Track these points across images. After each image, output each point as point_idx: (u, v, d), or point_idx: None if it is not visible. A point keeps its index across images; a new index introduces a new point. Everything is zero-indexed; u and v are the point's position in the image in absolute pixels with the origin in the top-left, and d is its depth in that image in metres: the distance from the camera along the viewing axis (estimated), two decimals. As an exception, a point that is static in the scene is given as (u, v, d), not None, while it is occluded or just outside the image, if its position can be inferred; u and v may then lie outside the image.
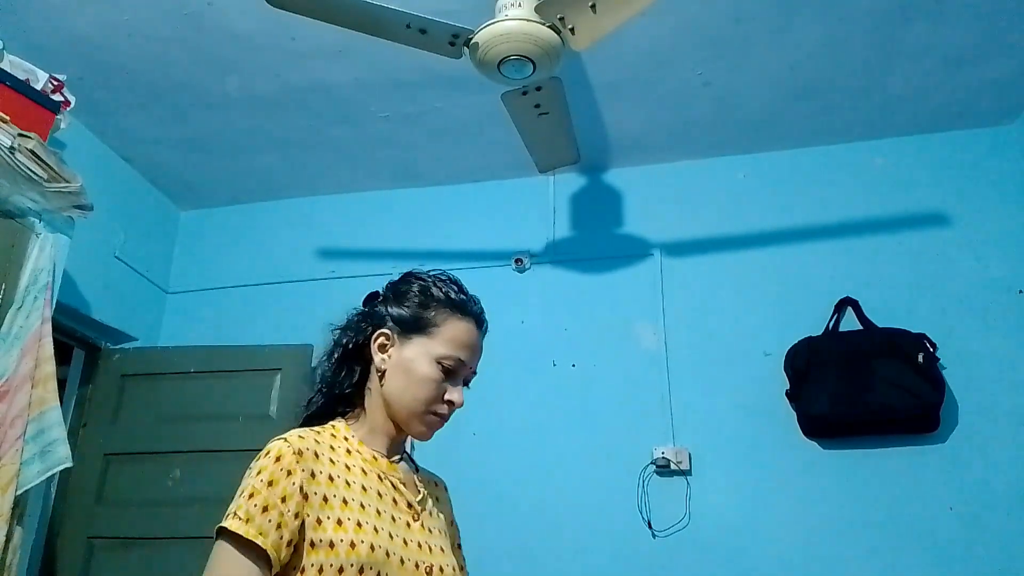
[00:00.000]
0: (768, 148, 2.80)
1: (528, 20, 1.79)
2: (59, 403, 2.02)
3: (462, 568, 1.24)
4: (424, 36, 1.84)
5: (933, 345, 2.33)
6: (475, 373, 1.21)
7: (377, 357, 1.17)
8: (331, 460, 1.08)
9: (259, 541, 0.97)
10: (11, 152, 1.93)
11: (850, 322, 2.49)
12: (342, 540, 1.01)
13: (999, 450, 2.28)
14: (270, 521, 0.98)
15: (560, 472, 2.55)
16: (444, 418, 1.18)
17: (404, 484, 1.17)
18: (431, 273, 1.24)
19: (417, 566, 1.08)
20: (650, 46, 2.30)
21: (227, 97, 2.55)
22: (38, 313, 2.01)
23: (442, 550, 1.16)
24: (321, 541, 1.01)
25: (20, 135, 1.97)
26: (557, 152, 2.42)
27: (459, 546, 1.30)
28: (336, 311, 3.37)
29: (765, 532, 2.35)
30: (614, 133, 2.73)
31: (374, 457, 1.15)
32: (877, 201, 2.66)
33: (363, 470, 1.12)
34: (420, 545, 1.11)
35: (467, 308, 1.19)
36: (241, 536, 0.97)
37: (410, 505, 1.15)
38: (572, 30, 1.81)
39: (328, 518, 1.02)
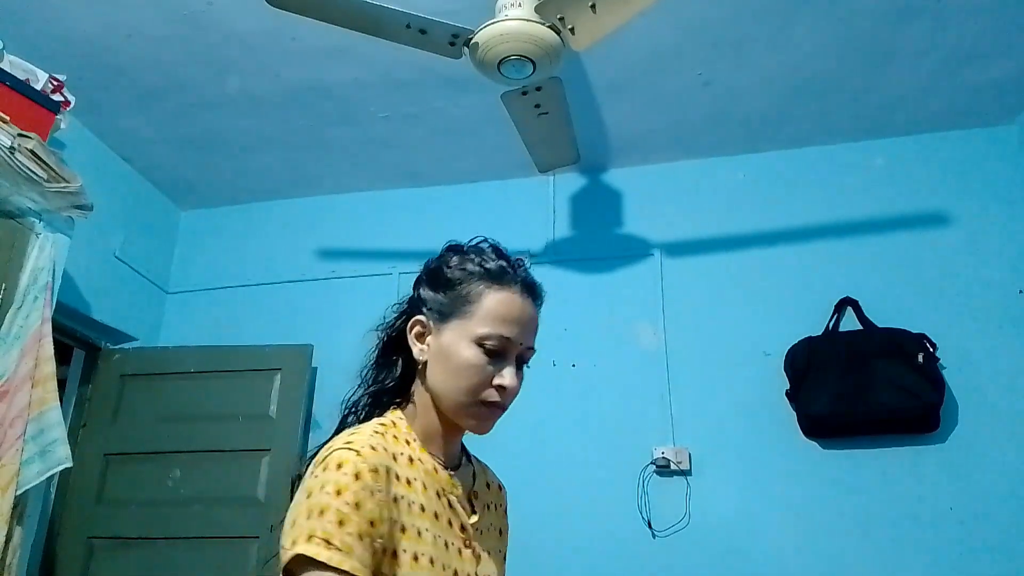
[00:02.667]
0: (768, 148, 2.80)
1: (528, 20, 1.79)
2: (59, 403, 2.02)
3: None
4: (424, 36, 1.84)
5: (933, 345, 2.33)
6: (533, 350, 1.06)
7: (415, 348, 1.05)
8: (405, 479, 0.95)
9: (362, 575, 0.84)
10: (11, 152, 1.93)
11: (850, 322, 2.49)
12: None
13: (999, 450, 2.28)
14: (366, 550, 0.85)
15: (560, 472, 2.55)
16: (499, 406, 1.03)
17: (460, 502, 1.04)
18: (469, 243, 1.11)
19: None
20: (650, 46, 2.30)
21: (227, 97, 2.55)
22: (38, 313, 2.01)
23: None
24: None
25: (20, 135, 1.97)
26: (557, 152, 2.42)
27: (503, 557, 1.20)
28: (336, 311, 3.40)
29: (765, 532, 2.35)
30: (614, 133, 2.73)
31: (435, 468, 1.02)
32: (877, 201, 2.66)
33: (424, 485, 0.98)
34: None
35: (506, 276, 1.04)
36: (347, 573, 0.83)
37: (463, 527, 1.02)
38: (572, 30, 1.81)
39: (404, 552, 0.90)
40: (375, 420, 1.03)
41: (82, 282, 2.60)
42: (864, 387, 2.31)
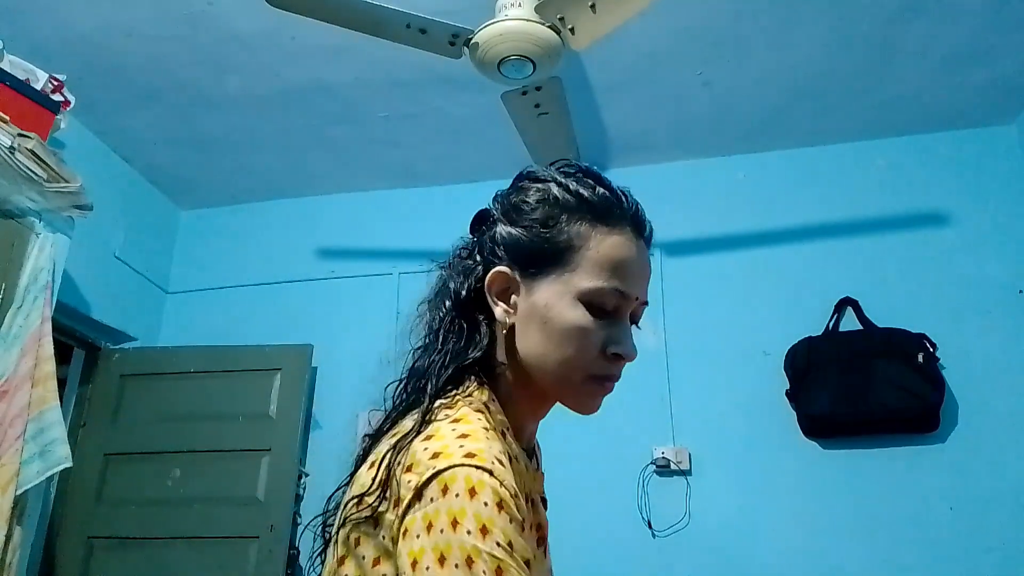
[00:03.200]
0: (768, 148, 2.80)
1: (528, 20, 1.79)
2: (59, 403, 2.02)
3: None
4: (424, 36, 1.84)
5: (933, 345, 2.33)
6: (646, 304, 0.84)
7: (498, 309, 0.81)
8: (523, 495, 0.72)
9: None
10: (11, 152, 1.93)
11: (850, 322, 2.49)
12: None
13: (999, 450, 2.28)
14: None
15: (560, 472, 2.54)
16: (613, 379, 0.83)
17: (540, 500, 0.86)
18: (555, 166, 0.87)
19: None
20: (650, 46, 2.30)
21: (227, 97, 2.55)
22: (38, 313, 2.01)
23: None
24: None
25: (20, 135, 1.97)
26: (557, 152, 2.42)
27: None
28: (336, 311, 3.40)
29: (765, 532, 2.35)
30: (614, 133, 2.73)
31: (525, 467, 0.83)
32: (877, 201, 2.66)
33: (524, 493, 0.74)
34: None
35: (614, 210, 0.81)
36: None
37: (539, 526, 0.84)
38: (572, 30, 1.81)
39: None
40: (467, 406, 0.77)
41: (82, 282, 2.60)
42: (864, 387, 2.31)
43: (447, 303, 0.85)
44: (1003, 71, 2.38)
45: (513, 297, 0.82)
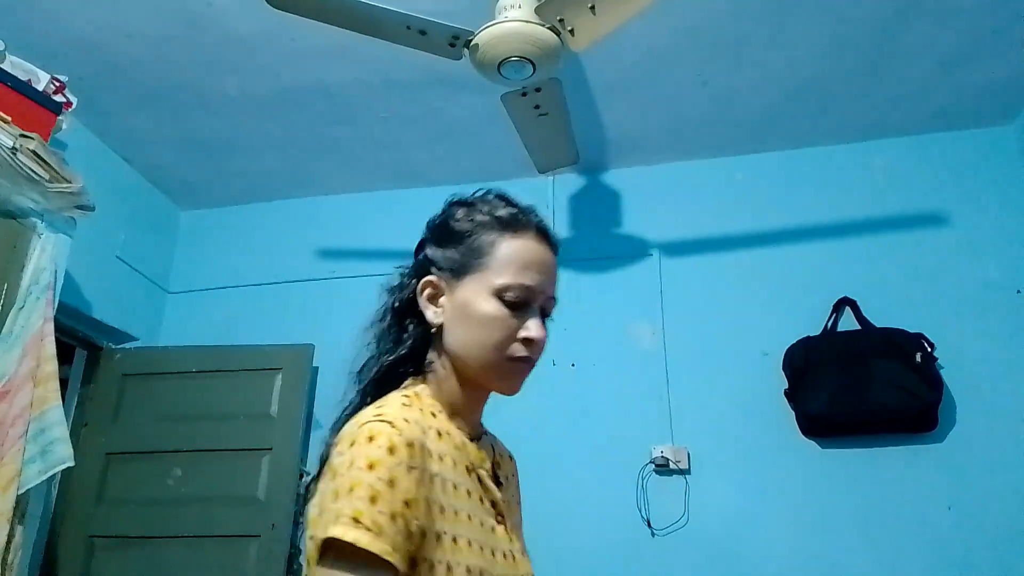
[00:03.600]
0: (767, 148, 2.81)
1: (528, 21, 1.80)
2: (60, 402, 2.03)
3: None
4: (424, 37, 1.84)
5: (931, 345, 2.34)
6: (555, 300, 1.01)
7: (429, 311, 0.97)
8: (437, 455, 0.86)
9: (394, 560, 0.75)
10: (13, 153, 1.94)
11: (848, 322, 2.50)
12: (459, 563, 0.81)
13: (997, 449, 2.29)
14: (399, 532, 0.76)
15: (559, 471, 2.55)
16: (528, 361, 0.95)
17: (488, 476, 0.96)
18: (473, 194, 1.04)
19: None
20: (649, 47, 2.31)
21: (227, 97, 2.56)
22: (40, 313, 2.02)
23: (523, 555, 0.97)
24: (439, 563, 0.80)
25: (22, 136, 1.98)
26: (556, 153, 2.43)
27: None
28: (336, 311, 3.41)
29: (764, 531, 2.35)
30: (613, 134, 2.74)
31: (463, 443, 0.94)
32: (876, 201, 2.67)
33: (454, 460, 0.90)
34: (506, 555, 0.91)
35: (520, 222, 0.97)
36: (375, 555, 0.74)
37: (494, 503, 0.94)
38: (571, 31, 1.81)
39: (445, 534, 0.82)
40: (398, 392, 0.94)
41: (83, 282, 2.61)
42: (862, 387, 2.31)
43: (385, 316, 1.02)
44: (1002, 71, 2.38)
45: (441, 300, 0.97)
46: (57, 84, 2.24)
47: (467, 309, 0.94)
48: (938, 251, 2.55)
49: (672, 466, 2.45)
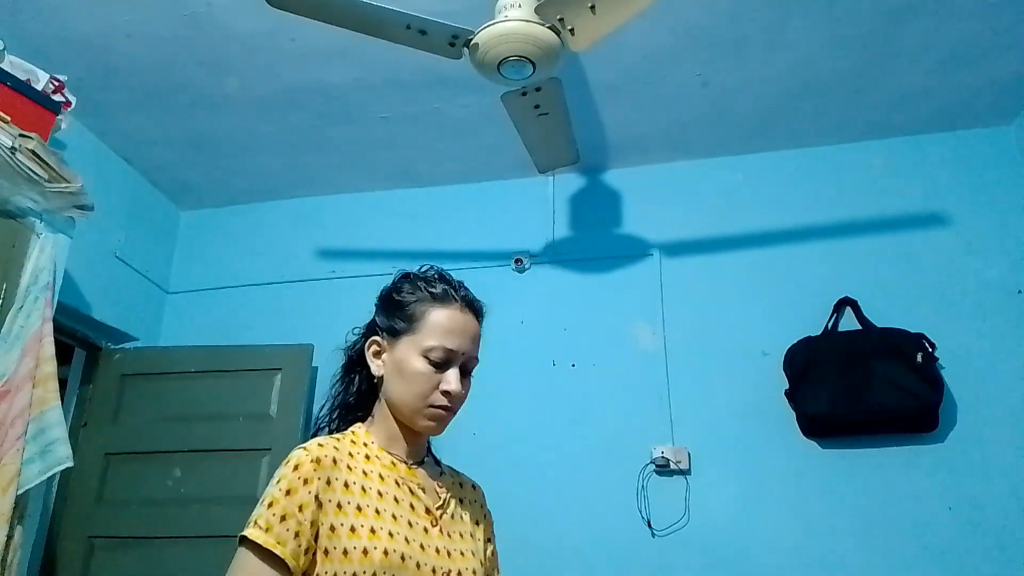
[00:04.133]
0: (767, 148, 2.80)
1: (528, 21, 1.79)
2: (60, 403, 2.02)
3: (489, 567, 1.26)
4: (424, 37, 1.84)
5: (932, 345, 2.34)
6: (476, 360, 1.21)
7: (373, 365, 1.20)
8: (348, 467, 1.10)
9: (277, 551, 0.99)
10: (12, 152, 1.93)
11: (849, 322, 2.50)
12: (355, 547, 1.02)
13: (998, 450, 2.29)
14: (288, 530, 1.00)
15: (559, 472, 2.55)
16: (448, 409, 1.17)
17: (423, 489, 1.18)
18: (418, 271, 1.26)
19: (435, 571, 1.08)
20: (649, 47, 2.30)
21: (227, 97, 2.55)
22: (39, 313, 2.01)
23: (462, 554, 1.16)
24: (335, 549, 1.02)
25: (21, 135, 1.98)
26: (556, 152, 2.43)
27: (489, 540, 1.30)
28: (336, 311, 3.41)
29: (764, 531, 2.35)
30: (613, 134, 2.74)
31: (393, 463, 1.16)
32: (876, 201, 2.66)
33: (380, 476, 1.13)
34: (438, 550, 1.11)
35: (448, 296, 1.18)
36: (260, 545, 0.99)
37: (428, 510, 1.15)
38: (572, 31, 1.81)
39: (342, 525, 1.04)
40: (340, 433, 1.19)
41: (83, 282, 2.60)
42: (863, 387, 2.31)
43: (341, 368, 1.27)
44: (1002, 71, 2.38)
45: (384, 356, 1.20)
46: (56, 84, 2.24)
47: (401, 365, 1.15)
48: (938, 251, 2.55)
49: (672, 466, 2.45)
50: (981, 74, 2.40)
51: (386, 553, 1.03)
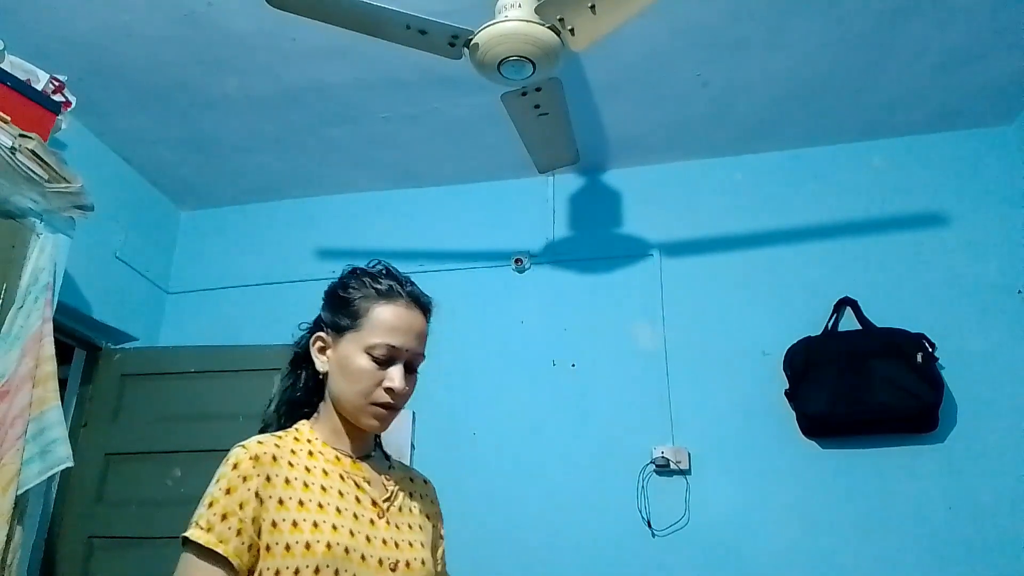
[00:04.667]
0: (766, 148, 2.80)
1: (528, 21, 1.79)
2: (60, 403, 2.02)
3: (436, 561, 1.26)
4: (424, 37, 1.84)
5: (932, 345, 2.34)
6: (422, 356, 1.19)
7: (318, 361, 1.20)
8: (290, 463, 1.09)
9: (220, 549, 0.99)
10: (12, 152, 1.93)
11: (849, 322, 2.50)
12: (297, 542, 1.02)
13: (998, 450, 2.29)
14: (230, 528, 1.00)
15: (560, 472, 2.55)
16: (391, 407, 1.15)
17: (369, 482, 1.17)
18: (366, 266, 1.25)
19: (381, 562, 1.08)
20: (649, 47, 2.30)
21: (227, 97, 2.55)
22: (39, 313, 2.01)
23: (411, 545, 1.15)
24: (277, 544, 1.02)
25: (21, 135, 1.98)
26: (556, 152, 2.43)
27: (441, 537, 1.30)
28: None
29: (764, 531, 2.35)
30: (613, 134, 2.74)
31: (337, 457, 1.16)
32: (876, 201, 2.66)
33: (324, 471, 1.13)
34: (385, 541, 1.11)
35: (393, 292, 1.17)
36: (203, 545, 1.00)
37: (374, 502, 1.15)
38: (572, 31, 1.81)
39: (283, 520, 1.03)
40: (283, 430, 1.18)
41: (83, 282, 2.60)
42: (863, 387, 2.31)
43: (287, 363, 1.27)
44: (1001, 71, 2.38)
45: (328, 352, 1.19)
46: (56, 84, 2.24)
47: (344, 362, 1.15)
48: (938, 251, 2.55)
49: (672, 466, 2.45)
50: (981, 74, 2.40)
51: (329, 546, 1.03)
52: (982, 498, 2.25)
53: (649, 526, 2.42)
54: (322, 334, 1.20)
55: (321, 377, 1.20)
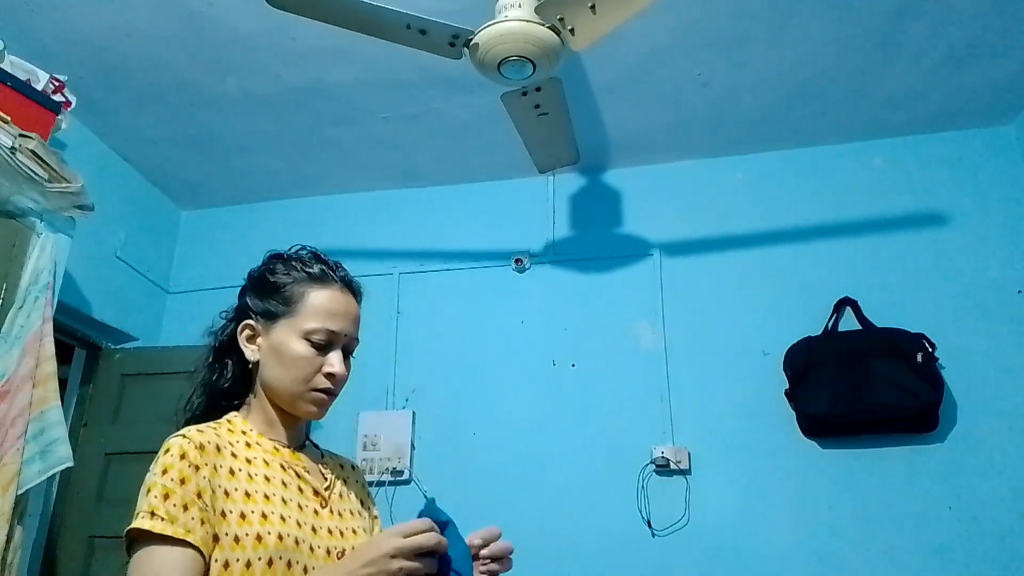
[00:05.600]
0: (767, 148, 2.80)
1: (528, 21, 1.79)
2: (60, 402, 2.02)
3: None
4: (424, 37, 1.84)
5: (932, 345, 2.34)
6: (357, 341, 1.18)
7: (247, 350, 1.15)
8: (232, 454, 1.07)
9: (190, 539, 0.96)
10: (12, 152, 1.93)
11: (849, 322, 2.50)
12: (247, 534, 1.00)
13: (998, 449, 2.29)
14: (193, 518, 0.97)
15: (560, 472, 2.55)
16: (330, 392, 1.13)
17: (308, 472, 1.15)
18: (289, 251, 1.23)
19: (328, 552, 1.07)
20: (649, 46, 2.30)
21: (227, 97, 2.55)
22: (39, 313, 2.02)
23: (354, 532, 1.15)
24: (227, 536, 0.99)
25: (21, 135, 1.98)
26: (557, 152, 2.43)
27: (376, 517, 1.29)
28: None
29: (764, 531, 2.35)
30: (613, 133, 2.74)
31: (275, 448, 1.13)
32: (876, 201, 2.66)
33: (265, 461, 1.10)
34: (331, 531, 1.10)
35: (327, 276, 1.16)
36: (170, 537, 0.95)
37: (316, 492, 1.13)
38: (572, 31, 1.81)
39: (231, 512, 1.01)
40: (213, 422, 1.14)
41: (83, 282, 2.60)
42: (863, 387, 2.31)
43: (208, 354, 1.21)
44: (1002, 71, 2.38)
45: (258, 340, 1.15)
46: (56, 83, 2.24)
47: (279, 348, 1.11)
48: (939, 251, 2.55)
49: (673, 466, 2.45)
50: (981, 74, 2.40)
51: (280, 538, 1.01)
52: (982, 498, 2.25)
53: (649, 526, 2.42)
54: (250, 322, 1.16)
55: (250, 367, 1.16)
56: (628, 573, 2.40)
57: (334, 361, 1.12)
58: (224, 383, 1.18)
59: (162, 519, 0.96)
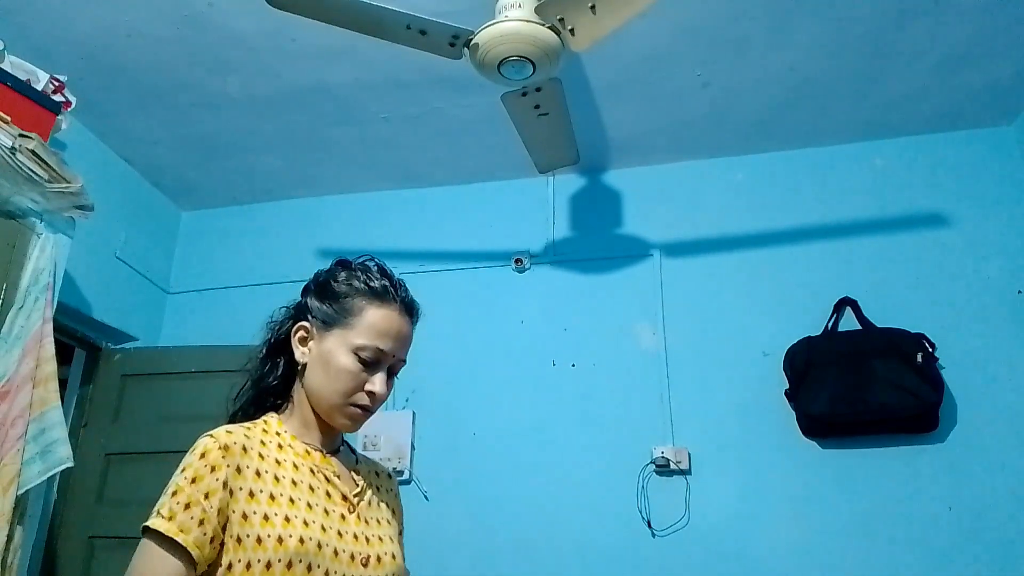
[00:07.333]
0: (767, 149, 2.80)
1: (528, 21, 1.79)
2: (60, 403, 2.02)
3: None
4: (424, 37, 1.84)
5: (932, 345, 2.34)
6: (404, 362, 1.18)
7: (297, 351, 1.16)
8: (260, 455, 1.08)
9: (179, 538, 0.97)
10: (12, 152, 1.93)
11: (849, 322, 2.50)
12: (269, 535, 1.00)
13: (998, 450, 2.29)
14: (192, 518, 0.99)
15: (560, 472, 2.55)
16: (367, 410, 1.14)
17: (339, 476, 1.15)
18: (357, 261, 1.22)
19: (353, 557, 1.07)
20: (649, 47, 2.30)
21: (227, 97, 2.55)
22: (39, 313, 2.02)
23: (380, 540, 1.15)
24: (248, 536, 1.00)
25: (21, 135, 1.98)
26: (557, 153, 2.43)
27: (400, 532, 1.29)
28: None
29: (764, 532, 2.35)
30: (613, 134, 2.74)
31: (307, 451, 1.14)
32: (876, 201, 2.67)
33: (295, 464, 1.11)
34: (356, 536, 1.10)
35: (388, 295, 1.16)
36: (162, 534, 0.98)
37: (345, 497, 1.14)
38: (572, 31, 1.81)
39: (255, 513, 1.02)
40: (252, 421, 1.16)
41: (83, 282, 2.60)
42: (863, 387, 2.31)
43: (263, 348, 1.22)
44: (1002, 72, 2.38)
45: (310, 343, 1.16)
46: (56, 84, 2.24)
47: (328, 357, 1.12)
48: (939, 251, 2.55)
49: (672, 466, 2.45)
50: (981, 74, 2.40)
51: (302, 541, 1.01)
52: (982, 498, 2.25)
53: (649, 526, 2.42)
54: (306, 324, 1.17)
55: (298, 368, 1.17)
56: (628, 573, 2.40)
57: (377, 380, 1.12)
58: (273, 381, 1.19)
59: (164, 517, 0.99)
